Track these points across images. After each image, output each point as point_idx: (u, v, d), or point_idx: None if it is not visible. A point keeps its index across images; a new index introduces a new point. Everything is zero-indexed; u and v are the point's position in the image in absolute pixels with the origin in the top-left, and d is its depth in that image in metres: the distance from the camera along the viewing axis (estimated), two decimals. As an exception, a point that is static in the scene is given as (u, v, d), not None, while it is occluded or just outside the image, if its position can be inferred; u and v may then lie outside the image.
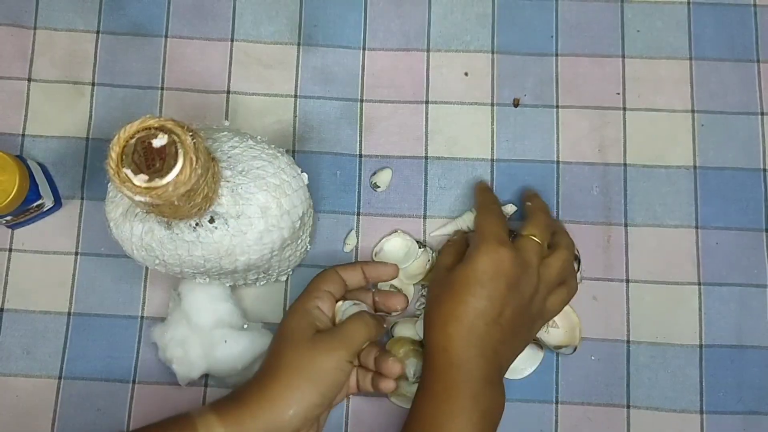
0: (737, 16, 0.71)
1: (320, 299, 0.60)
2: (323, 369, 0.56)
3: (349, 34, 0.71)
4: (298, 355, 0.57)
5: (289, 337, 0.58)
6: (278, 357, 0.57)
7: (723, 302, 0.66)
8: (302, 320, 0.59)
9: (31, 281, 0.66)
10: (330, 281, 0.61)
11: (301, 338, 0.58)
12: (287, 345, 0.58)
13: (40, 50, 0.70)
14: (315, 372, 0.56)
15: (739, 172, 0.68)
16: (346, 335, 0.58)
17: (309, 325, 0.59)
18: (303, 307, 0.60)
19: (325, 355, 0.56)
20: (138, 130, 0.47)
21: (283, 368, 0.56)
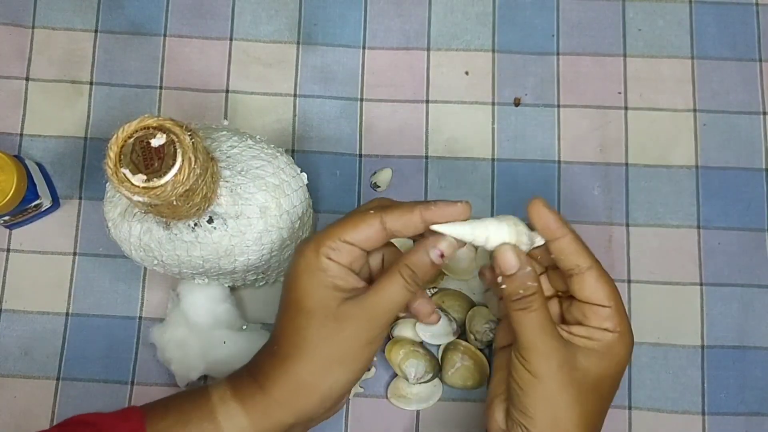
0: (739, 15, 0.71)
1: (338, 252, 0.49)
2: (353, 351, 0.49)
3: (349, 32, 0.71)
4: (324, 335, 0.48)
5: (307, 307, 0.49)
6: (297, 332, 0.49)
7: (725, 303, 0.66)
8: (318, 284, 0.49)
9: (29, 281, 0.66)
10: (361, 230, 0.49)
11: (324, 312, 0.48)
12: (307, 319, 0.49)
13: (39, 49, 0.70)
14: (344, 354, 0.48)
15: (742, 171, 0.68)
16: (379, 309, 0.48)
17: (329, 292, 0.49)
18: (317, 263, 0.49)
19: (356, 337, 0.48)
20: (136, 130, 0.47)
21: (307, 349, 0.48)
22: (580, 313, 0.50)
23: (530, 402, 0.48)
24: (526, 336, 0.48)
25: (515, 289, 0.48)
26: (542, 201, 0.49)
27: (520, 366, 0.49)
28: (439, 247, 0.49)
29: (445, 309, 0.64)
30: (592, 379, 0.49)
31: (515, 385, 0.49)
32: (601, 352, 0.49)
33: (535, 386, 0.48)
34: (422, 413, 0.64)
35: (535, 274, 0.49)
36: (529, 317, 0.48)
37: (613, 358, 0.49)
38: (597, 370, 0.49)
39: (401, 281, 0.49)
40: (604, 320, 0.49)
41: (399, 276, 0.49)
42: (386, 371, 0.65)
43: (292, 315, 0.50)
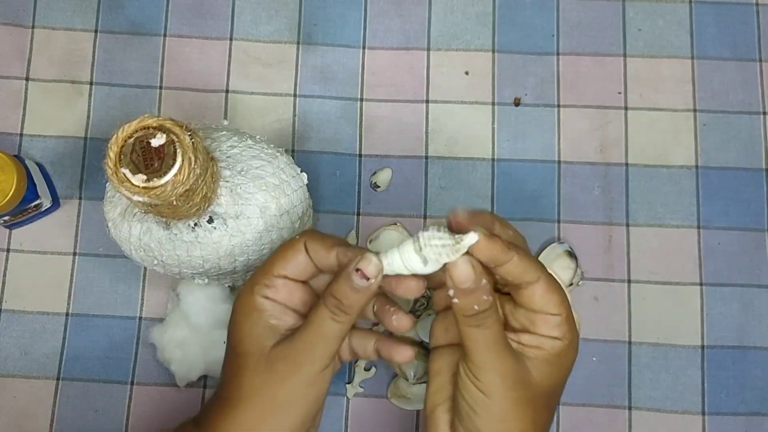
0: (739, 15, 0.71)
1: (273, 289, 0.47)
2: (292, 393, 0.46)
3: (349, 32, 0.71)
4: (258, 382, 0.46)
5: (243, 351, 0.47)
6: (234, 379, 0.47)
7: (725, 303, 0.66)
8: (252, 326, 0.47)
9: (28, 281, 0.66)
10: (291, 261, 0.47)
11: (258, 356, 0.46)
12: (243, 364, 0.47)
13: (38, 49, 0.70)
14: (284, 398, 0.46)
15: (742, 171, 0.68)
16: (310, 345, 0.45)
17: (264, 332, 0.47)
18: (249, 303, 0.47)
19: (290, 379, 0.46)
20: (136, 130, 0.46)
21: (245, 395, 0.46)
22: (528, 321, 0.47)
23: (483, 423, 0.45)
24: (479, 354, 0.44)
25: (469, 304, 0.43)
26: (482, 231, 0.43)
27: (471, 385, 0.45)
28: (362, 267, 0.44)
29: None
30: (545, 392, 0.47)
31: (465, 404, 0.46)
32: (550, 361, 0.46)
33: (488, 406, 0.45)
34: (422, 413, 0.64)
35: (490, 288, 0.44)
36: (483, 334, 0.44)
37: (563, 366, 0.47)
38: (549, 380, 0.47)
39: (327, 313, 0.45)
40: (554, 328, 0.46)
41: (324, 308, 0.45)
42: (386, 371, 0.65)
43: (231, 359, 0.48)
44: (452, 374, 0.48)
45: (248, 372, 0.46)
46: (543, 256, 0.66)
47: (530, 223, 0.67)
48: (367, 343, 0.50)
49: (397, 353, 0.49)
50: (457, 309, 0.44)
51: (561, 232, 0.67)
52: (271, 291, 0.47)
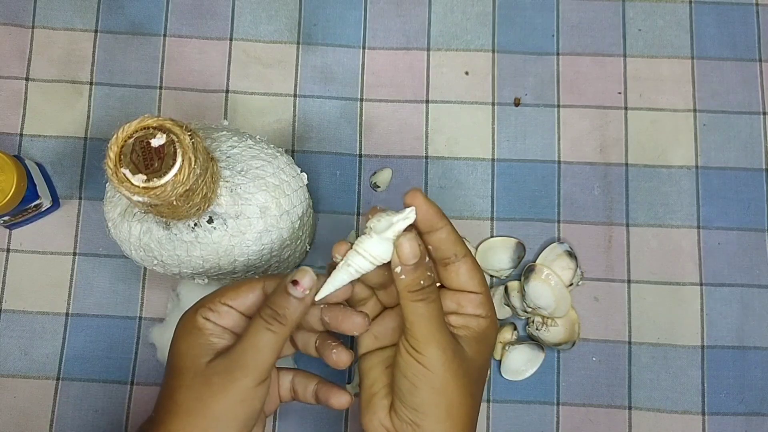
0: (739, 15, 0.71)
1: (217, 314, 0.48)
2: (223, 411, 0.45)
3: (349, 33, 0.71)
4: (194, 396, 0.45)
5: (179, 367, 0.47)
6: (169, 397, 0.47)
7: (725, 303, 0.66)
8: (192, 343, 0.47)
9: (28, 282, 0.66)
10: (241, 295, 0.49)
11: (194, 372, 0.46)
12: (178, 381, 0.46)
13: (38, 49, 0.70)
14: (219, 414, 0.45)
15: (741, 172, 0.68)
16: (245, 356, 0.46)
17: (202, 350, 0.47)
18: (191, 322, 0.48)
19: (223, 393, 0.45)
20: (136, 130, 0.46)
21: (179, 414, 0.46)
22: (455, 303, 0.50)
23: (424, 396, 0.47)
24: (422, 328, 0.46)
25: (416, 279, 0.46)
26: (421, 193, 0.47)
27: (412, 360, 0.47)
28: (299, 279, 0.47)
29: None
30: (477, 367, 0.49)
31: (405, 381, 0.47)
32: (478, 339, 0.49)
33: (430, 379, 0.46)
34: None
35: (431, 266, 0.48)
36: (428, 308, 0.46)
37: (488, 343, 0.50)
38: (479, 357, 0.49)
39: (262, 323, 0.46)
40: (478, 307, 0.50)
41: (259, 319, 0.46)
42: (386, 371, 0.65)
43: (167, 378, 0.48)
44: (385, 366, 0.50)
45: (183, 389, 0.46)
46: (543, 256, 0.66)
47: (530, 223, 0.67)
48: (309, 384, 0.51)
49: (335, 398, 0.50)
50: (403, 286, 0.46)
51: (561, 232, 0.67)
52: (214, 315, 0.48)
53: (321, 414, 0.64)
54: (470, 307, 0.50)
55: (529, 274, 0.65)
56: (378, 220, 0.47)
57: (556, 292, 0.64)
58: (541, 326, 0.64)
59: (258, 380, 0.46)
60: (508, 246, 0.66)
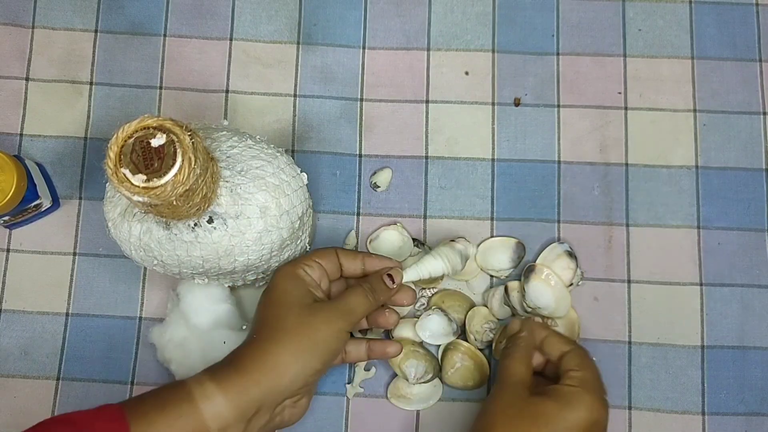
0: (739, 15, 0.71)
1: (311, 268, 0.59)
2: (324, 337, 0.55)
3: (349, 33, 0.71)
4: (299, 321, 0.55)
5: (287, 301, 0.57)
6: (277, 321, 0.56)
7: (725, 303, 0.66)
8: (298, 286, 0.57)
9: (28, 282, 0.66)
10: (325, 257, 0.60)
11: (301, 304, 0.56)
12: (286, 310, 0.56)
13: (38, 49, 0.70)
14: (316, 339, 0.55)
15: (741, 172, 0.68)
16: (347, 307, 0.57)
17: (306, 293, 0.57)
18: (295, 272, 0.58)
19: (326, 325, 0.56)
20: (136, 130, 0.46)
21: (285, 333, 0.55)
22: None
23: None
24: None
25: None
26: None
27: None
28: (393, 274, 0.60)
29: (444, 309, 0.64)
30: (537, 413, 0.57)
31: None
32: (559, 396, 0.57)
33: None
34: (422, 413, 0.64)
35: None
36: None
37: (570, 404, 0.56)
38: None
39: (363, 291, 0.58)
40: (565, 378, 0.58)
41: (361, 288, 0.58)
42: (386, 371, 0.65)
43: (273, 309, 0.57)
44: None
45: (292, 315, 0.56)
46: (543, 256, 0.66)
47: (530, 223, 0.67)
48: (360, 345, 0.61)
49: (390, 347, 0.61)
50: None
51: (561, 232, 0.67)
52: (310, 269, 0.59)
53: (321, 414, 0.64)
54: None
55: (529, 274, 0.64)
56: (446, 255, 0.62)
57: (556, 292, 0.64)
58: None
59: (349, 327, 0.57)
60: (508, 246, 0.66)
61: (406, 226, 0.67)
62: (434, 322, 0.64)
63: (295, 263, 0.59)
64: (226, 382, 0.53)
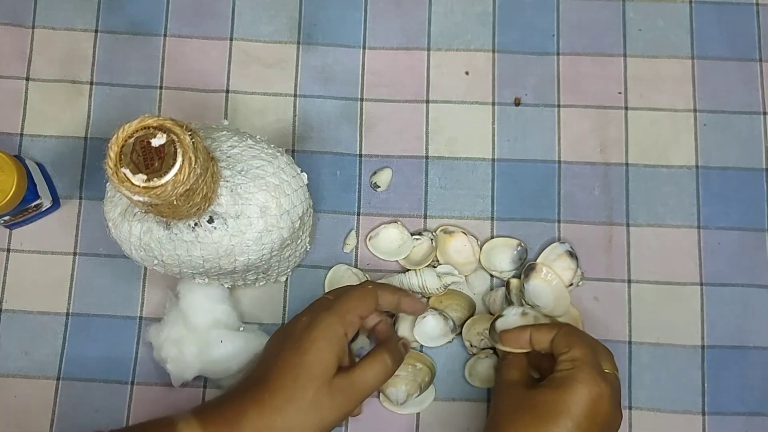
0: (739, 15, 0.71)
1: (352, 326, 0.56)
2: (332, 420, 0.54)
3: (349, 32, 0.71)
4: (315, 401, 0.53)
5: (314, 371, 0.53)
6: (294, 392, 0.53)
7: (725, 303, 0.66)
8: (332, 352, 0.54)
9: (29, 281, 0.66)
10: (365, 305, 0.57)
11: (324, 379, 0.53)
12: (308, 382, 0.53)
13: (39, 49, 0.70)
14: (324, 422, 0.53)
15: (742, 171, 0.68)
16: (364, 385, 0.55)
17: (335, 361, 0.54)
18: (336, 332, 0.55)
19: (339, 408, 0.54)
20: (137, 130, 0.46)
21: (297, 408, 0.52)
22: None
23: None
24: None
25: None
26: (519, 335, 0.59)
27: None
28: (406, 344, 0.60)
29: (440, 309, 0.64)
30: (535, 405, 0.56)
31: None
32: (556, 384, 0.56)
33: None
34: (422, 413, 0.64)
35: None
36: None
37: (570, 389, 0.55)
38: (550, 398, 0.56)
39: (384, 365, 0.56)
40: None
41: (383, 361, 0.56)
42: (386, 371, 0.65)
43: (296, 374, 0.53)
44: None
45: (311, 391, 0.53)
46: (544, 256, 0.66)
47: (530, 223, 0.67)
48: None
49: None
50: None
51: (561, 232, 0.67)
52: (351, 328, 0.56)
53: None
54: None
55: (530, 272, 0.65)
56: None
57: (555, 291, 0.64)
58: None
59: (360, 403, 0.56)
60: (510, 246, 0.66)
61: (406, 225, 0.67)
62: (429, 325, 0.64)
63: (340, 319, 0.55)
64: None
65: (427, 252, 0.66)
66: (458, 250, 0.66)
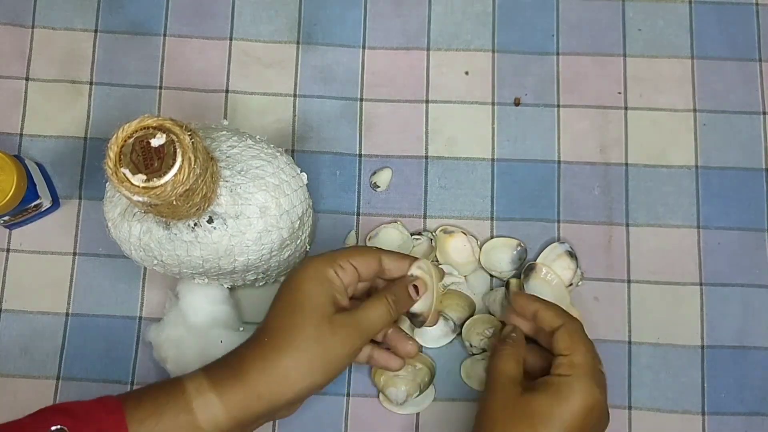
0: (739, 15, 0.71)
1: (344, 271, 0.55)
2: (339, 357, 0.53)
3: (348, 32, 0.71)
4: (317, 336, 0.52)
5: (308, 308, 0.53)
6: (292, 330, 0.53)
7: (725, 303, 0.66)
8: (323, 292, 0.54)
9: (28, 281, 0.66)
10: (365, 260, 0.56)
11: (321, 315, 0.53)
12: (305, 318, 0.53)
13: (38, 49, 0.70)
14: (330, 358, 0.53)
15: (741, 171, 0.68)
16: (368, 323, 0.54)
17: (329, 299, 0.54)
18: (325, 272, 0.54)
19: (343, 344, 0.53)
20: (136, 130, 0.47)
21: (298, 347, 0.52)
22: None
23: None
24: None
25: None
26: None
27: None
28: (419, 285, 0.58)
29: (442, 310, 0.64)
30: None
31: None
32: (555, 390, 0.55)
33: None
34: (422, 413, 0.64)
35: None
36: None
37: (566, 398, 0.55)
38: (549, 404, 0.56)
39: (386, 304, 0.56)
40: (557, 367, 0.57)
41: (384, 299, 0.56)
42: (386, 371, 0.65)
43: (291, 312, 0.54)
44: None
45: (310, 327, 0.53)
46: (543, 256, 0.66)
47: (530, 223, 0.67)
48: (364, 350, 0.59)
49: (392, 361, 0.59)
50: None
51: (561, 232, 0.67)
52: (341, 271, 0.55)
53: (321, 414, 0.64)
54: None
55: (529, 272, 0.65)
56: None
57: (555, 291, 0.64)
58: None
59: (365, 344, 0.56)
60: (510, 246, 0.66)
61: (406, 225, 0.67)
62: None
63: (328, 260, 0.55)
64: (228, 391, 0.51)
65: (427, 252, 0.66)
66: (458, 250, 0.66)
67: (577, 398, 0.53)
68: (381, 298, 0.56)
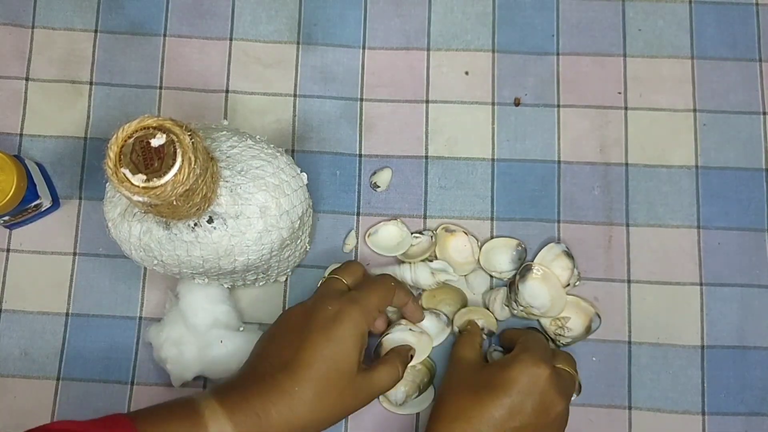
0: (739, 15, 0.71)
1: (372, 323, 0.57)
2: (351, 410, 0.56)
3: (349, 32, 0.71)
4: (341, 398, 0.54)
5: (343, 368, 0.54)
6: (326, 387, 0.54)
7: (725, 303, 0.66)
8: (357, 351, 0.55)
9: (28, 282, 0.66)
10: (385, 303, 0.59)
11: (350, 377, 0.55)
12: (338, 380, 0.54)
13: (38, 49, 0.70)
14: (346, 412, 0.56)
15: (741, 171, 0.68)
16: (380, 385, 0.57)
17: (359, 357, 0.56)
18: (362, 329, 0.56)
19: (360, 402, 0.56)
20: (136, 130, 0.46)
21: (324, 405, 0.54)
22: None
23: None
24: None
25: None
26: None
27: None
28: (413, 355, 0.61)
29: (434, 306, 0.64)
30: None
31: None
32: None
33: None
34: (422, 414, 0.64)
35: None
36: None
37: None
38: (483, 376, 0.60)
39: (396, 368, 0.58)
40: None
41: (396, 366, 0.58)
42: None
43: (328, 368, 0.54)
44: None
45: (339, 388, 0.54)
46: (541, 256, 0.66)
47: (530, 223, 0.67)
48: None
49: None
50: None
51: (561, 232, 0.67)
52: (371, 325, 0.57)
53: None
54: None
55: (526, 273, 0.64)
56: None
57: (552, 291, 0.64)
58: (561, 329, 0.64)
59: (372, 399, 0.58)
60: (510, 247, 0.66)
61: (406, 223, 0.67)
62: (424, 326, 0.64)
63: (368, 315, 0.56)
64: (243, 427, 0.52)
65: (426, 249, 0.66)
66: (458, 250, 0.66)
67: (520, 366, 0.56)
68: (394, 364, 0.58)
